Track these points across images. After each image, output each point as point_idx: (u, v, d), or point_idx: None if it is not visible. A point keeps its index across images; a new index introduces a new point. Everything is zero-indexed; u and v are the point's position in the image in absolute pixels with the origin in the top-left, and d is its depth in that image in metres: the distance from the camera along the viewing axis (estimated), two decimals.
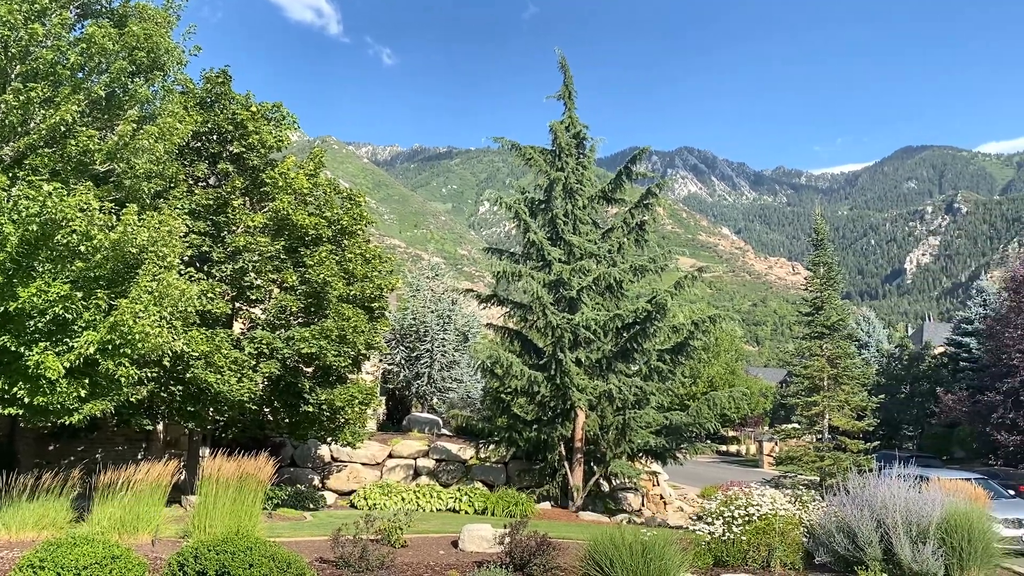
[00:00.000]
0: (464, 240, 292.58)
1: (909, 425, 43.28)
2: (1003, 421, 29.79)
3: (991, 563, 10.70)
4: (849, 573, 10.20)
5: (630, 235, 20.97)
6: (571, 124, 20.95)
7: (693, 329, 20.14)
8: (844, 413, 19.98)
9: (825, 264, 21.03)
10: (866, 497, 11.15)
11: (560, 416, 19.76)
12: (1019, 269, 32.95)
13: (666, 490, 24.01)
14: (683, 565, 9.16)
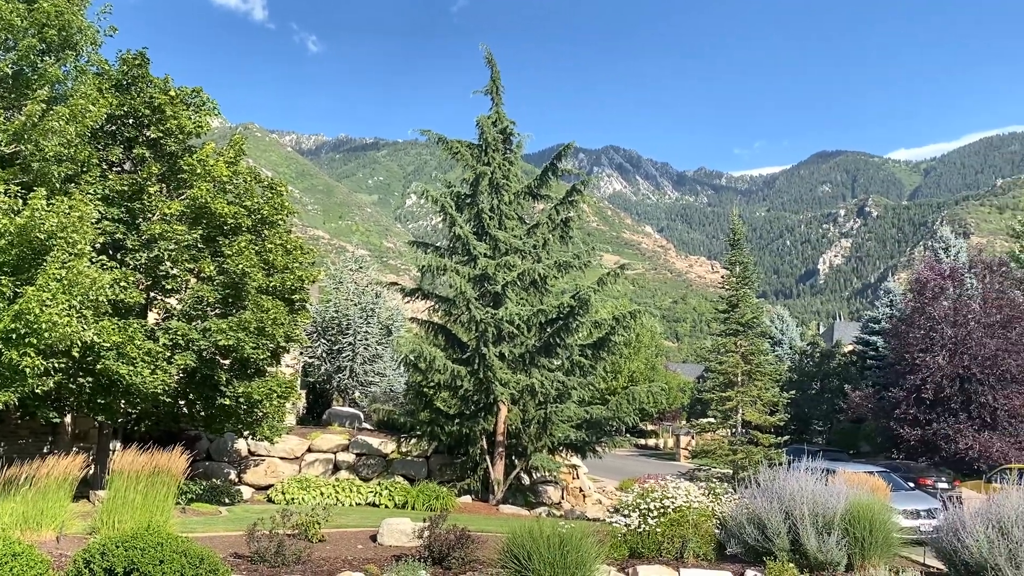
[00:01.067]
0: (390, 233, 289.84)
1: (819, 420, 44.89)
2: (905, 417, 31.16)
3: (890, 552, 11.21)
4: (758, 563, 10.54)
5: (555, 231, 21.15)
6: (498, 119, 21.00)
7: (615, 325, 20.46)
8: (757, 408, 20.64)
9: (741, 263, 21.65)
10: (776, 490, 11.56)
11: (483, 410, 19.84)
12: (923, 272, 34.44)
13: (585, 483, 24.36)
14: (599, 557, 9.33)
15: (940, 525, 11.43)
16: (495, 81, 21.12)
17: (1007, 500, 10.73)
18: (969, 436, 29.17)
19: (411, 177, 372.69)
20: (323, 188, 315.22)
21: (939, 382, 30.36)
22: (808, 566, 10.51)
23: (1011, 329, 30.77)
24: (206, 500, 15.84)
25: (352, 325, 28.54)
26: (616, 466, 35.39)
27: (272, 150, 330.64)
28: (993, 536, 10.13)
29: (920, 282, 33.67)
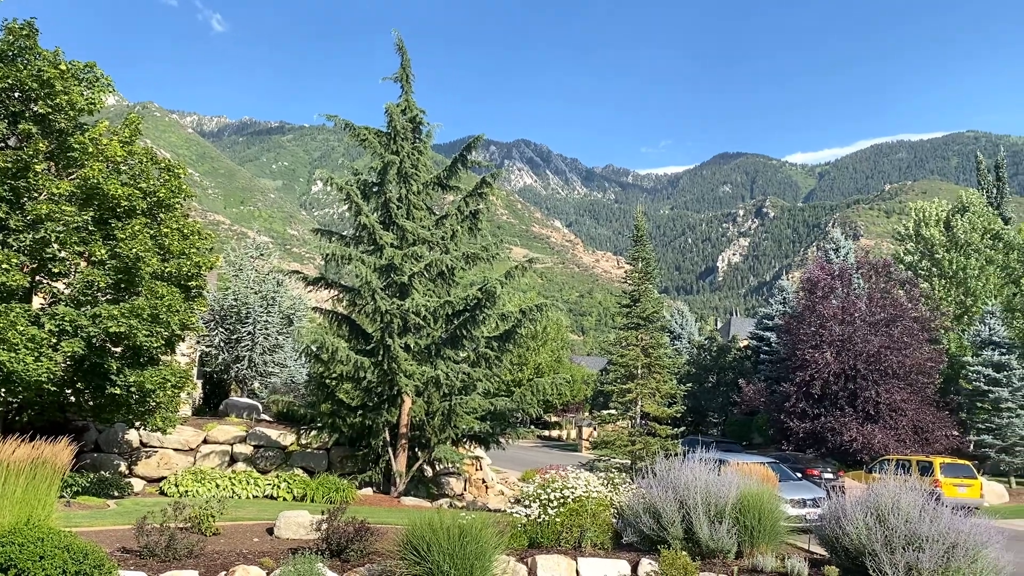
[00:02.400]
0: (294, 220, 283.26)
1: (715, 412, 46.40)
2: (795, 410, 32.53)
3: (778, 539, 11.70)
4: (653, 552, 10.81)
5: (464, 223, 21.10)
6: (408, 107, 20.79)
7: (521, 317, 20.60)
8: (656, 400, 21.19)
9: (644, 260, 22.15)
10: (671, 479, 11.90)
11: (386, 402, 19.67)
12: (814, 272, 35.99)
13: (488, 474, 24.48)
14: (499, 547, 9.40)
15: (824, 513, 11.97)
16: (405, 68, 20.90)
17: (884, 489, 11.33)
18: (853, 429, 30.67)
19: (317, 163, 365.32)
20: (225, 172, 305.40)
21: (827, 377, 31.79)
22: (700, 554, 10.86)
23: (894, 327, 32.50)
24: (93, 493, 15.19)
25: (252, 314, 27.79)
26: (519, 457, 35.71)
27: (172, 131, 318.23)
28: (871, 523, 10.69)
29: (811, 281, 35.16)
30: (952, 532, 10.41)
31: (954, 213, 41.69)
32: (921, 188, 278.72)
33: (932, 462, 25.23)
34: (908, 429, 30.95)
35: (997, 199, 48.59)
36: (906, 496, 11.06)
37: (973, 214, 40.92)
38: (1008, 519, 22.02)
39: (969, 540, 10.38)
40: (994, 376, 32.24)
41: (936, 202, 44.08)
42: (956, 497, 22.92)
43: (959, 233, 40.11)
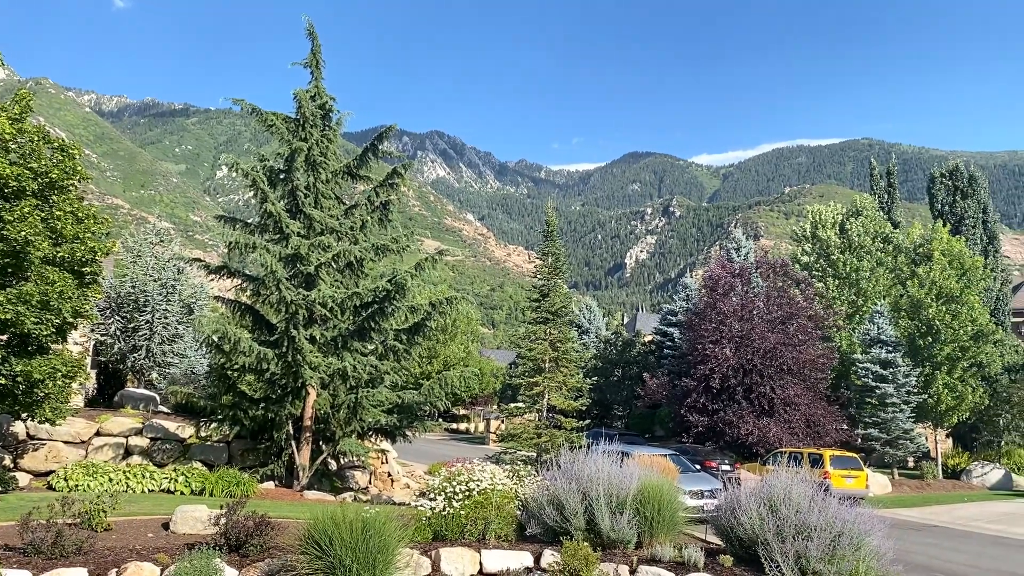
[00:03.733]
0: (198, 206, 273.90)
1: (619, 405, 47.29)
2: (695, 404, 33.49)
3: (676, 530, 12.03)
4: (556, 543, 10.96)
5: (374, 213, 20.85)
6: (317, 94, 20.39)
7: (431, 310, 20.51)
8: (562, 393, 21.46)
9: (554, 255, 22.37)
10: (575, 472, 12.08)
11: (290, 394, 19.29)
12: (716, 270, 37.09)
13: (394, 467, 24.33)
14: (403, 540, 9.36)
15: (721, 504, 12.37)
16: (315, 54, 20.48)
17: (777, 481, 11.79)
18: (750, 422, 31.79)
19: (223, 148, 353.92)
20: (125, 154, 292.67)
21: (725, 373, 32.83)
22: (602, 544, 11.07)
23: (789, 325, 33.83)
24: None
25: (151, 302, 26.76)
26: (427, 450, 35.63)
27: (68, 109, 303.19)
28: (764, 513, 11.11)
29: (713, 279, 36.23)
30: (838, 522, 10.91)
31: (848, 217, 43.62)
32: (819, 192, 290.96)
33: (822, 454, 26.42)
34: (801, 423, 32.27)
35: (888, 204, 51.14)
36: (797, 487, 11.53)
37: (866, 218, 42.91)
38: (890, 508, 23.29)
39: (854, 529, 10.91)
40: (881, 373, 33.94)
41: (832, 205, 46.03)
42: (844, 488, 24.07)
43: (852, 236, 42.00)
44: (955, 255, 37.33)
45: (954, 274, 36.34)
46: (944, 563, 15.28)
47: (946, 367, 35.19)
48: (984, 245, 47.60)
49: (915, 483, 33.66)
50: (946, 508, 26.43)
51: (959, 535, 20.26)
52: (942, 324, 34.99)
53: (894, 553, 11.21)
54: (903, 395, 34.00)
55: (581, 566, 9.87)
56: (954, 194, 48.89)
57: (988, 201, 49.75)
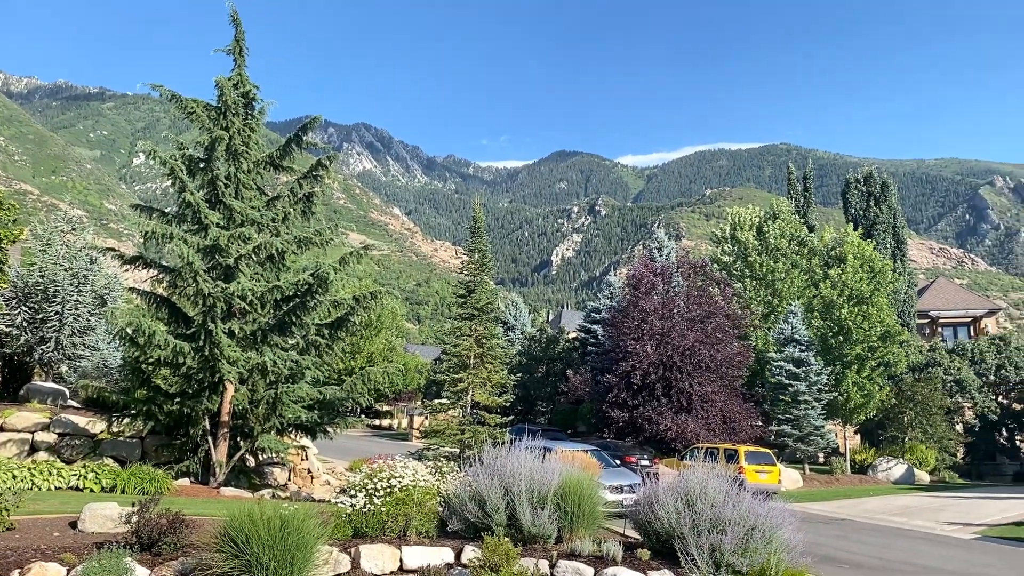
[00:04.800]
0: (113, 193, 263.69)
1: (543, 401, 47.64)
2: (616, 400, 33.98)
3: (596, 524, 12.19)
4: (477, 539, 10.98)
5: (297, 205, 20.47)
6: (241, 81, 19.90)
7: (354, 305, 20.26)
8: (486, 389, 21.51)
9: (480, 251, 22.39)
10: (498, 467, 12.12)
11: (208, 389, 18.80)
12: (639, 269, 37.71)
13: (315, 464, 23.98)
14: (322, 537, 9.24)
15: (639, 499, 12.59)
16: (239, 41, 19.99)
17: (694, 476, 12.07)
18: (669, 418, 32.45)
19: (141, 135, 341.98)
20: (35, 138, 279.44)
21: (646, 369, 33.42)
22: (522, 539, 11.14)
23: (708, 324, 34.64)
24: None
25: (60, 292, 25.67)
26: (348, 447, 35.23)
27: None
28: (681, 508, 11.36)
29: (636, 278, 36.84)
30: (752, 515, 11.24)
31: (766, 219, 44.90)
32: (738, 194, 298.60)
33: (737, 450, 27.15)
34: (718, 419, 33.09)
35: (804, 208, 52.85)
36: (713, 482, 11.83)
37: (782, 221, 44.24)
38: (801, 502, 24.09)
39: (766, 523, 11.25)
40: (794, 371, 35.08)
41: (751, 208, 47.31)
42: (757, 483, 24.81)
43: (769, 238, 43.25)
44: (866, 258, 38.82)
45: (865, 277, 37.79)
46: (850, 554, 15.91)
47: (856, 366, 36.58)
48: (893, 249, 49.64)
49: (825, 478, 34.92)
50: (853, 502, 27.51)
51: (864, 527, 21.12)
52: (853, 325, 36.34)
53: (804, 545, 11.60)
54: (815, 393, 35.20)
55: (502, 561, 9.92)
56: (868, 199, 50.83)
57: (898, 207, 51.91)
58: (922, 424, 38.36)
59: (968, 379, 41.71)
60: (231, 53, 20.01)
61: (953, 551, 17.64)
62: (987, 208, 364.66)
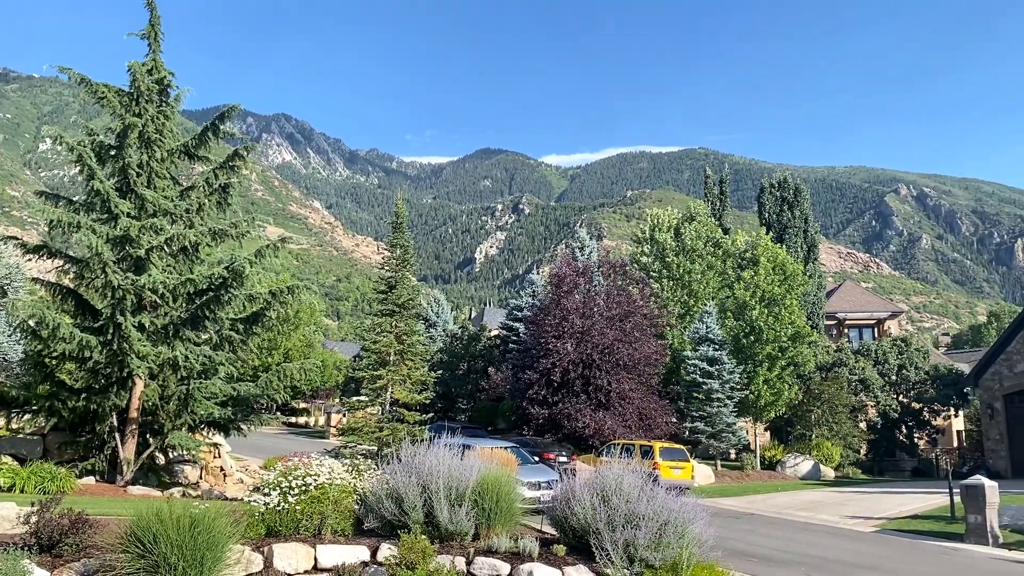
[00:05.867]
0: (17, 180, 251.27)
1: (464, 399, 47.64)
2: (536, 397, 34.23)
3: (513, 521, 12.27)
4: (394, 537, 10.93)
5: (213, 196, 19.94)
6: (155, 67, 19.27)
7: (271, 299, 19.87)
8: (406, 387, 21.39)
9: (402, 247, 22.25)
10: (416, 465, 12.08)
11: (116, 384, 18.15)
12: (561, 268, 38.09)
13: (228, 462, 23.42)
14: (233, 536, 9.06)
15: (556, 495, 12.73)
16: (154, 25, 19.35)
17: (610, 472, 12.28)
18: (587, 415, 32.86)
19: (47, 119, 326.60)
20: None
21: (566, 366, 33.77)
22: (440, 537, 11.14)
23: (627, 322, 35.23)
24: None
25: None
26: (263, 444, 34.49)
27: None
28: (597, 503, 11.55)
29: (558, 276, 37.20)
30: (665, 511, 11.51)
31: (683, 221, 45.93)
32: (658, 196, 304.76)
33: (653, 446, 27.70)
34: (634, 416, 33.68)
35: (720, 211, 54.25)
36: (628, 478, 12.07)
37: (699, 223, 45.34)
38: (713, 498, 24.80)
39: (679, 517, 11.53)
40: (708, 369, 35.98)
41: (669, 210, 48.31)
42: (671, 479, 25.36)
43: (687, 240, 44.25)
44: (778, 261, 40.10)
45: (777, 279, 39.03)
46: (759, 548, 16.43)
47: (766, 365, 37.76)
48: (805, 253, 51.40)
49: (736, 474, 35.94)
50: (762, 497, 28.39)
51: (773, 522, 21.84)
52: (764, 325, 37.50)
53: (715, 540, 11.94)
54: (727, 391, 36.18)
55: (418, 559, 9.90)
56: (781, 204, 52.47)
57: (810, 212, 53.77)
58: (828, 422, 39.83)
59: (872, 379, 43.54)
60: (146, 38, 19.37)
61: (854, 544, 18.41)
62: (892, 215, 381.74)
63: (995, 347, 40.48)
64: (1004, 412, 38.16)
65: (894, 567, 15.36)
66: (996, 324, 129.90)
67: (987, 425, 39.38)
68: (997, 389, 38.57)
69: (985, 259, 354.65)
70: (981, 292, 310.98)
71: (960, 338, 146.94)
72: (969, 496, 19.19)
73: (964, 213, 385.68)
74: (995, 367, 38.94)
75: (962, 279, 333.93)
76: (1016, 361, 38.06)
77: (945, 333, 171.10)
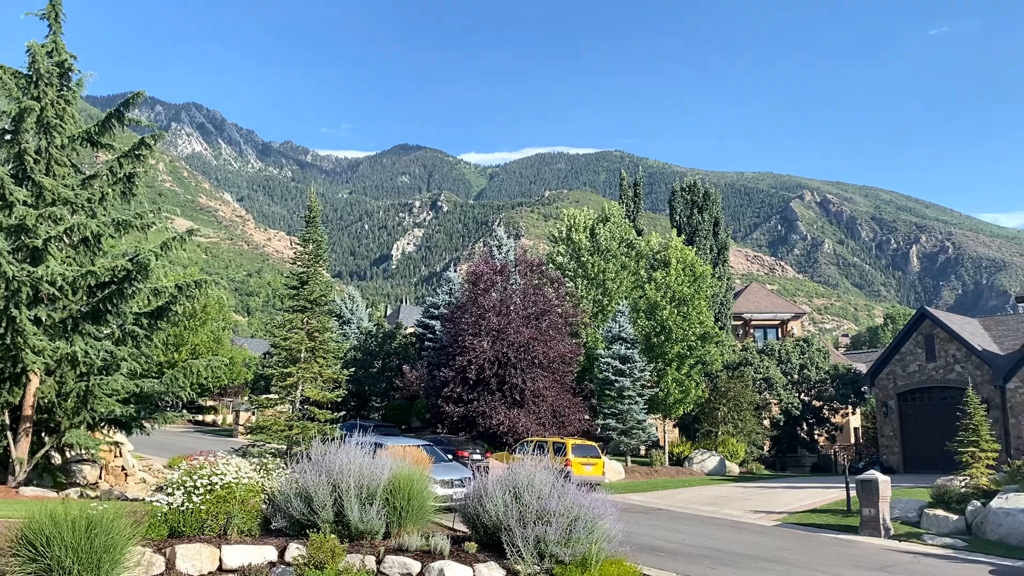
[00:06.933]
0: None
1: (378, 397, 47.20)
2: (452, 395, 34.25)
3: (425, 519, 12.26)
4: (303, 536, 10.78)
5: (117, 186, 19.17)
6: (56, 49, 18.40)
7: (177, 294, 19.24)
8: (318, 384, 21.04)
9: (315, 241, 21.86)
10: (326, 464, 11.93)
11: (8, 380, 17.25)
12: (479, 266, 38.20)
13: (130, 461, 22.59)
14: (134, 538, 8.78)
15: (469, 492, 12.77)
16: (55, 5, 18.48)
17: (522, 469, 12.39)
18: (502, 413, 33.06)
19: None
20: None
21: (482, 364, 33.89)
22: (350, 536, 11.04)
23: (542, 321, 35.59)
24: None
25: None
26: (168, 443, 33.42)
27: None
28: (509, 500, 11.64)
29: (476, 274, 37.29)
30: (576, 507, 11.69)
31: (599, 222, 46.64)
32: (575, 197, 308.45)
33: (565, 443, 28.08)
34: (548, 413, 34.07)
35: (634, 212, 55.36)
36: (540, 475, 12.20)
37: (614, 224, 46.12)
38: (622, 493, 25.27)
39: (589, 513, 11.74)
40: (620, 368, 36.66)
41: (585, 211, 48.99)
42: (583, 475, 25.76)
43: (602, 240, 44.97)
44: (688, 263, 41.16)
45: (687, 280, 40.06)
46: (666, 543, 16.84)
47: (676, 364, 38.72)
48: (714, 255, 52.90)
49: (646, 469, 36.75)
50: (670, 492, 29.11)
51: (680, 517, 22.43)
52: (674, 325, 38.45)
53: (624, 535, 12.18)
54: (638, 388, 36.95)
55: (327, 558, 9.79)
56: (692, 208, 53.85)
57: (720, 215, 55.35)
58: (734, 419, 41.10)
59: (775, 377, 45.15)
60: (46, 18, 18.49)
61: (757, 537, 19.09)
62: (797, 220, 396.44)
63: (890, 348, 42.59)
64: (898, 410, 40.18)
65: (794, 559, 15.99)
66: (892, 326, 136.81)
67: (882, 422, 41.38)
68: (891, 388, 40.56)
69: (883, 264, 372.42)
70: (878, 295, 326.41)
71: (859, 339, 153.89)
72: (864, 490, 20.14)
73: (864, 220, 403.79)
74: (890, 367, 40.95)
75: (861, 283, 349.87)
76: (909, 361, 40.10)
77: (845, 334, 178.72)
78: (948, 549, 18.34)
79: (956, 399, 29.42)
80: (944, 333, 38.63)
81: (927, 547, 18.60)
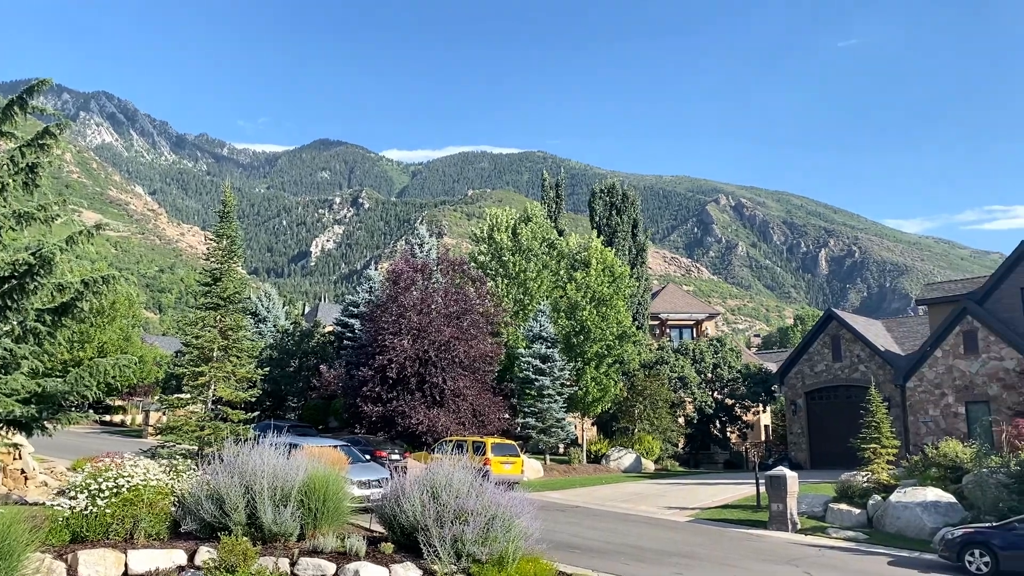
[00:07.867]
0: None
1: (295, 397, 46.33)
2: (370, 394, 33.90)
3: (341, 520, 12.14)
4: (214, 539, 10.53)
5: (18, 176, 18.27)
6: None
7: (84, 289, 18.49)
8: (231, 384, 20.56)
9: (229, 237, 21.34)
10: (239, 465, 11.70)
11: None
12: (400, 264, 37.93)
13: (30, 463, 21.61)
14: (32, 544, 8.44)
15: (386, 493, 12.70)
16: None
17: (440, 468, 12.40)
18: (421, 412, 32.92)
19: None
20: None
21: (403, 363, 33.66)
22: (263, 538, 10.85)
23: (464, 320, 35.57)
24: None
25: None
26: (73, 444, 32.11)
27: None
28: (426, 500, 11.62)
29: (396, 273, 37.03)
30: (493, 505, 11.76)
31: (521, 222, 46.86)
32: (498, 196, 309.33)
33: (485, 442, 28.15)
34: (469, 412, 34.07)
35: (556, 213, 55.79)
36: (459, 474, 12.22)
37: (535, 224, 46.41)
38: (541, 491, 25.50)
39: (506, 512, 11.82)
40: (540, 367, 36.94)
41: (508, 210, 49.15)
42: (502, 473, 25.87)
43: (523, 240, 45.19)
44: (608, 263, 41.77)
45: (606, 280, 40.64)
46: (583, 540, 17.08)
47: (595, 363, 39.25)
48: (633, 256, 53.78)
49: (564, 467, 37.14)
50: (588, 490, 29.52)
51: (596, 514, 22.77)
52: (593, 324, 38.96)
53: (541, 533, 12.31)
54: (558, 387, 37.31)
55: (238, 561, 9.60)
56: (611, 209, 54.62)
57: (639, 217, 56.30)
58: (650, 417, 41.89)
59: (690, 376, 46.23)
60: None
61: (670, 533, 19.54)
62: (712, 223, 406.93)
63: (799, 348, 44.17)
64: (806, 408, 41.70)
65: (706, 554, 16.44)
66: (801, 327, 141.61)
67: (791, 420, 42.87)
68: (800, 387, 42.05)
69: (793, 267, 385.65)
70: (789, 297, 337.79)
71: (770, 339, 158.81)
72: (773, 486, 20.84)
73: (776, 224, 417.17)
74: (799, 366, 42.46)
75: (773, 284, 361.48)
76: (817, 361, 41.66)
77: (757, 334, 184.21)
78: (851, 542, 19.16)
79: (860, 398, 30.71)
80: (850, 334, 40.26)
81: (831, 540, 19.39)
